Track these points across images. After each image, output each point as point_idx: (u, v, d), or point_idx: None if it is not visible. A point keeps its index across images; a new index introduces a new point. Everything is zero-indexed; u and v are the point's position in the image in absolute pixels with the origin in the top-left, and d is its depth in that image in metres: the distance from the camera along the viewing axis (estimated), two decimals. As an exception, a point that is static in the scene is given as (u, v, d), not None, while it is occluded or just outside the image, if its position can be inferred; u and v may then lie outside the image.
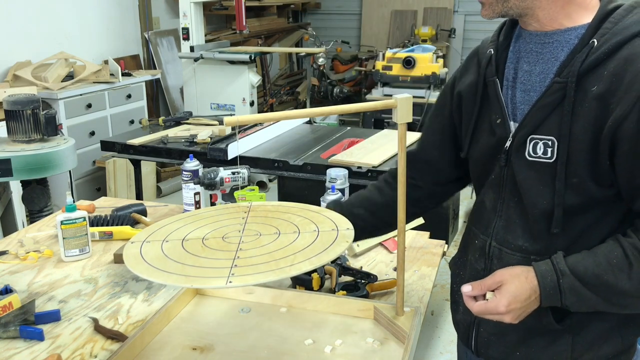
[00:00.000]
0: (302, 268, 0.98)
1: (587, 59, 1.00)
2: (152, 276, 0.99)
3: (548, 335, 1.14)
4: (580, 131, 1.01)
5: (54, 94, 3.84)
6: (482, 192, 1.22)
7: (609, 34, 1.00)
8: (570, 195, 1.05)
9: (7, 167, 2.37)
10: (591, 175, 1.02)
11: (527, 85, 1.10)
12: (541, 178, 1.07)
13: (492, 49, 1.16)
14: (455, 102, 1.25)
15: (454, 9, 7.23)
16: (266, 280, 0.97)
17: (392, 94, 1.29)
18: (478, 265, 1.21)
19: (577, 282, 1.02)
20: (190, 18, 4.50)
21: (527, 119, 1.07)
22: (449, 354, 2.77)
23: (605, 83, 0.99)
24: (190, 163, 2.00)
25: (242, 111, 4.59)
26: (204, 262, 1.03)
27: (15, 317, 1.31)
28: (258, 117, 1.08)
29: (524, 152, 1.08)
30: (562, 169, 1.03)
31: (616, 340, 1.13)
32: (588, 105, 1.00)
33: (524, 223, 1.12)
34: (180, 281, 0.97)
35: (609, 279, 1.00)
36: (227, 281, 0.94)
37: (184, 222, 1.23)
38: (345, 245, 1.06)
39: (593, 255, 1.03)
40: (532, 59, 1.10)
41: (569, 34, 1.05)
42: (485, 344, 1.22)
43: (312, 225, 1.16)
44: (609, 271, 1.01)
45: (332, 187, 1.89)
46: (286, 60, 7.69)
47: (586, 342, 1.13)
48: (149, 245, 1.11)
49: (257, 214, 1.26)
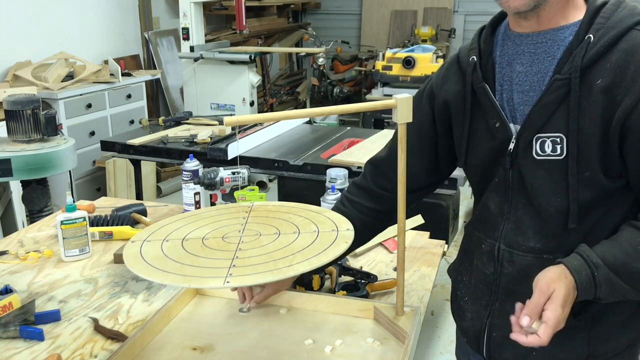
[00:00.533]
0: (300, 269, 0.98)
1: (587, 53, 1.01)
2: (150, 275, 0.99)
3: (564, 332, 1.12)
4: (589, 125, 1.01)
5: (54, 94, 3.85)
6: (485, 196, 1.21)
7: (604, 28, 1.01)
8: (583, 190, 1.05)
9: (7, 167, 2.37)
10: (602, 167, 1.03)
11: (524, 86, 1.09)
12: (552, 176, 1.07)
13: (474, 56, 1.15)
14: (440, 111, 1.23)
15: (454, 9, 7.23)
16: (264, 281, 0.97)
17: (392, 94, 1.28)
18: (487, 270, 1.20)
19: (610, 273, 1.01)
20: (190, 18, 4.51)
21: (531, 118, 1.07)
22: (449, 354, 2.77)
23: (610, 75, 0.99)
24: (190, 163, 2.00)
25: (242, 111, 4.59)
26: (203, 262, 1.03)
27: (15, 317, 1.31)
28: (258, 117, 1.08)
29: (532, 152, 1.08)
30: (573, 164, 1.03)
31: (630, 330, 1.14)
32: (594, 98, 1.01)
33: (535, 224, 1.11)
34: (178, 281, 0.97)
35: (638, 266, 1.00)
36: (224, 281, 0.94)
37: (186, 222, 1.23)
38: (345, 247, 1.06)
39: (618, 245, 1.03)
40: (525, 60, 1.09)
41: (562, 32, 1.06)
42: (498, 348, 1.21)
43: (312, 225, 1.16)
44: (636, 259, 1.00)
45: (332, 187, 1.89)
46: (286, 60, 7.69)
47: (601, 335, 1.13)
48: (149, 245, 1.11)
49: (259, 214, 1.26)
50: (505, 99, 1.13)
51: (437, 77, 1.26)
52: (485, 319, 1.21)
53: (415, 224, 1.88)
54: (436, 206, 2.72)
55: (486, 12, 7.00)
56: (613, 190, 1.05)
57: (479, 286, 1.22)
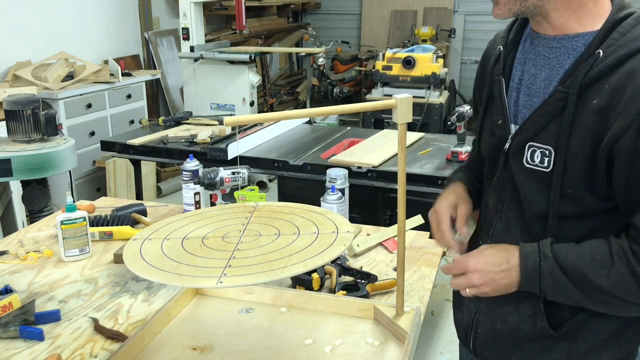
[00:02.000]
0: (294, 270, 0.99)
1: (590, 70, 0.98)
2: (146, 274, 1.00)
3: (544, 342, 1.13)
4: (578, 143, 1.00)
5: (54, 94, 3.85)
6: (488, 193, 1.22)
7: (615, 46, 0.97)
8: (565, 204, 1.04)
9: (7, 167, 2.37)
10: (587, 187, 1.02)
11: (531, 89, 1.09)
12: (538, 185, 1.06)
13: (501, 45, 1.15)
14: (477, 91, 1.28)
15: (454, 9, 7.23)
16: (256, 282, 0.97)
17: (392, 94, 1.28)
18: None
19: (556, 267, 1.01)
20: (190, 18, 4.50)
21: (527, 124, 1.07)
22: (449, 354, 2.77)
23: (606, 97, 0.97)
24: (190, 163, 2.00)
25: (242, 111, 4.59)
26: (200, 262, 1.03)
27: (15, 317, 1.31)
28: (258, 117, 1.08)
29: (522, 159, 1.08)
30: (557, 180, 1.03)
31: (614, 348, 1.12)
32: (587, 118, 0.99)
33: (523, 225, 1.12)
34: (173, 280, 0.98)
35: (587, 273, 0.99)
36: (217, 281, 0.95)
37: (189, 221, 1.24)
38: (342, 248, 1.06)
39: (579, 247, 1.03)
40: (539, 62, 1.08)
41: (577, 40, 1.03)
42: (482, 345, 1.22)
43: (313, 227, 1.16)
44: (589, 265, 1.00)
45: (332, 187, 1.89)
46: (286, 60, 7.69)
47: (583, 349, 1.12)
48: (149, 243, 1.12)
49: (262, 214, 1.26)
50: (513, 98, 1.12)
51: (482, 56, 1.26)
52: (473, 314, 1.23)
53: (415, 224, 1.88)
54: (436, 206, 2.72)
55: (486, 12, 7.00)
56: (599, 209, 1.04)
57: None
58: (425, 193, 2.58)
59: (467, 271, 1.07)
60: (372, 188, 2.69)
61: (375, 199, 2.77)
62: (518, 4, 1.02)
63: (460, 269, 1.08)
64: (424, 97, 4.65)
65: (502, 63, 1.13)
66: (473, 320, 1.23)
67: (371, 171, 2.67)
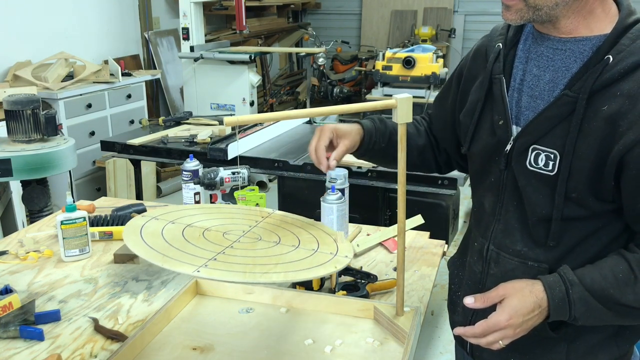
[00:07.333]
0: (273, 278, 1.00)
1: (600, 76, 0.97)
2: (134, 247, 1.03)
3: (543, 343, 1.13)
4: (585, 149, 0.99)
5: (54, 94, 3.85)
6: (481, 194, 1.21)
7: (626, 52, 0.96)
8: (569, 207, 1.04)
9: (7, 167, 2.38)
10: (592, 191, 1.01)
11: (534, 90, 1.07)
12: (541, 189, 1.05)
13: (500, 42, 1.13)
14: (461, 93, 1.23)
15: (454, 9, 7.23)
16: (232, 280, 0.99)
17: (392, 94, 1.28)
18: (476, 268, 1.20)
19: (586, 292, 1.00)
20: (190, 18, 4.51)
21: (531, 127, 1.05)
22: (449, 354, 2.77)
23: (617, 104, 0.96)
24: (190, 163, 2.00)
25: (242, 111, 4.59)
26: (190, 249, 1.05)
27: (15, 317, 1.31)
28: (258, 117, 1.08)
29: (525, 161, 1.06)
30: (562, 184, 1.02)
31: (612, 348, 1.12)
32: (596, 124, 0.98)
33: (522, 228, 1.11)
34: (155, 258, 1.00)
35: (614, 293, 0.99)
36: (195, 270, 0.97)
37: (202, 212, 1.26)
38: (331, 270, 1.07)
39: (599, 269, 1.02)
40: (542, 63, 1.06)
41: (584, 44, 1.02)
42: (480, 347, 1.21)
43: (314, 244, 1.17)
44: (614, 285, 1.00)
45: (332, 187, 1.89)
46: (286, 60, 7.69)
47: (581, 350, 1.12)
48: (154, 222, 1.14)
49: (272, 222, 1.27)
50: (515, 98, 1.10)
51: (468, 56, 1.25)
52: (470, 316, 1.22)
53: (415, 224, 1.88)
54: (436, 206, 2.72)
55: (486, 12, 7.01)
56: (602, 211, 1.04)
57: (469, 283, 1.23)
58: (425, 193, 2.58)
59: (502, 329, 1.03)
60: (372, 188, 2.69)
61: (375, 199, 2.77)
62: (531, 12, 1.01)
63: (493, 329, 1.03)
64: (424, 97, 4.65)
65: (502, 61, 1.11)
66: (470, 322, 1.21)
67: (371, 171, 2.67)
